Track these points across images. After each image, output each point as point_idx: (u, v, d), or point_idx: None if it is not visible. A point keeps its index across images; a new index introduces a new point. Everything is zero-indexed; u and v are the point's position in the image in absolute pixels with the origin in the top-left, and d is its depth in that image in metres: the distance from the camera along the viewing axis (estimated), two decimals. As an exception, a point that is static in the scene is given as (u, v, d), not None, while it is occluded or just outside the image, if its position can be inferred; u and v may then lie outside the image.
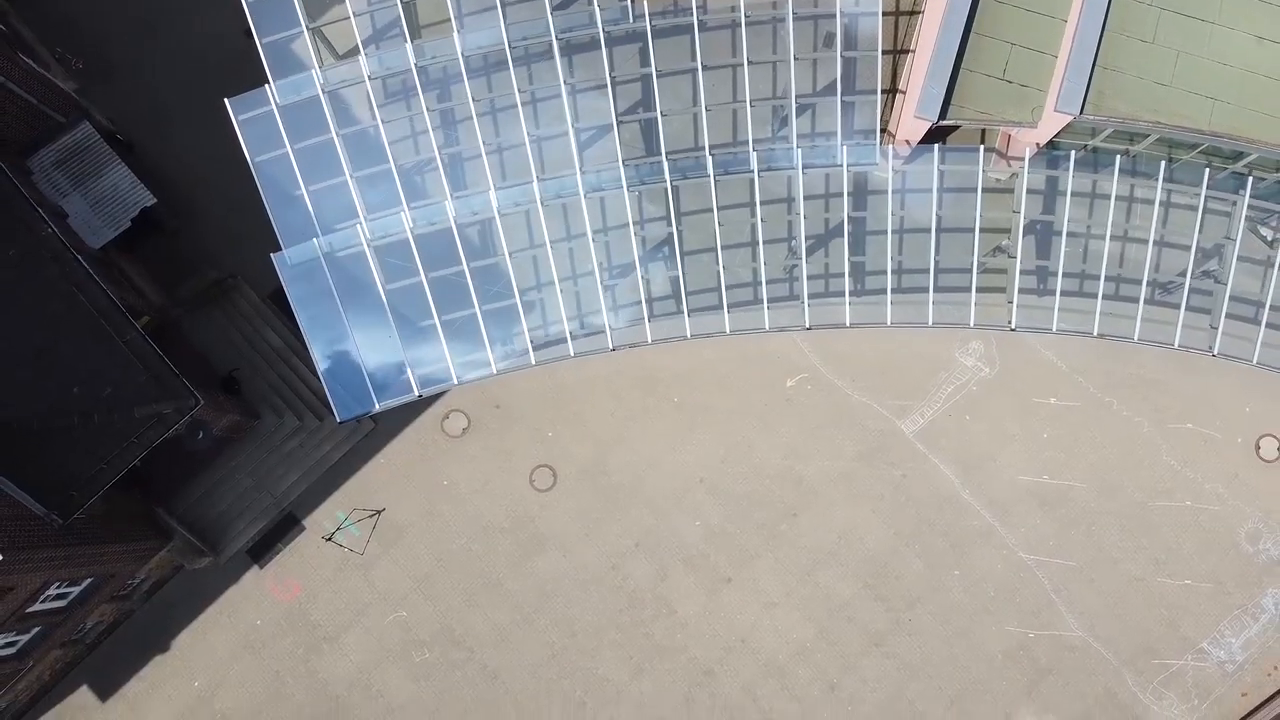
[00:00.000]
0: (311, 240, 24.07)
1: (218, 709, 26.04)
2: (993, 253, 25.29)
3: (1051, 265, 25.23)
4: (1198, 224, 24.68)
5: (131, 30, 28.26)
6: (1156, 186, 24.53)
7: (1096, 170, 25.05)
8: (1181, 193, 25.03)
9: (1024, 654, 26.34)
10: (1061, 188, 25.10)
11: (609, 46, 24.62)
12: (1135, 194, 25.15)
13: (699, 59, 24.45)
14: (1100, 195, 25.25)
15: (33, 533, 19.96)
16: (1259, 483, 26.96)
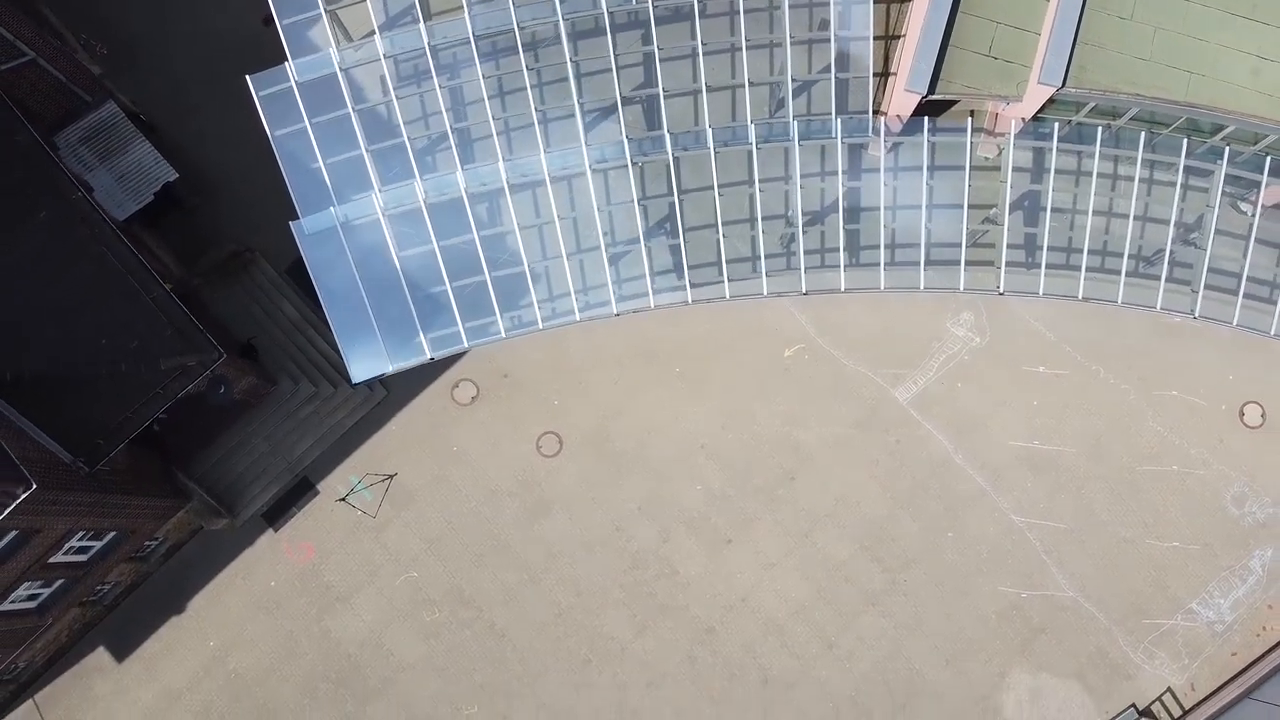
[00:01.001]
0: (328, 209, 25.08)
1: (232, 668, 26.80)
2: (982, 222, 26.31)
3: (1038, 234, 26.21)
4: (1177, 194, 25.67)
5: (153, 18, 29.50)
6: (1137, 159, 25.58)
7: (1080, 143, 26.09)
8: (1163, 165, 26.07)
9: (1017, 614, 27.08)
10: (1047, 163, 26.15)
11: (613, 29, 25.82)
12: (1118, 167, 26.19)
13: (699, 38, 25.61)
14: (1084, 170, 26.22)
15: (60, 478, 20.83)
16: (1243, 448, 27.80)
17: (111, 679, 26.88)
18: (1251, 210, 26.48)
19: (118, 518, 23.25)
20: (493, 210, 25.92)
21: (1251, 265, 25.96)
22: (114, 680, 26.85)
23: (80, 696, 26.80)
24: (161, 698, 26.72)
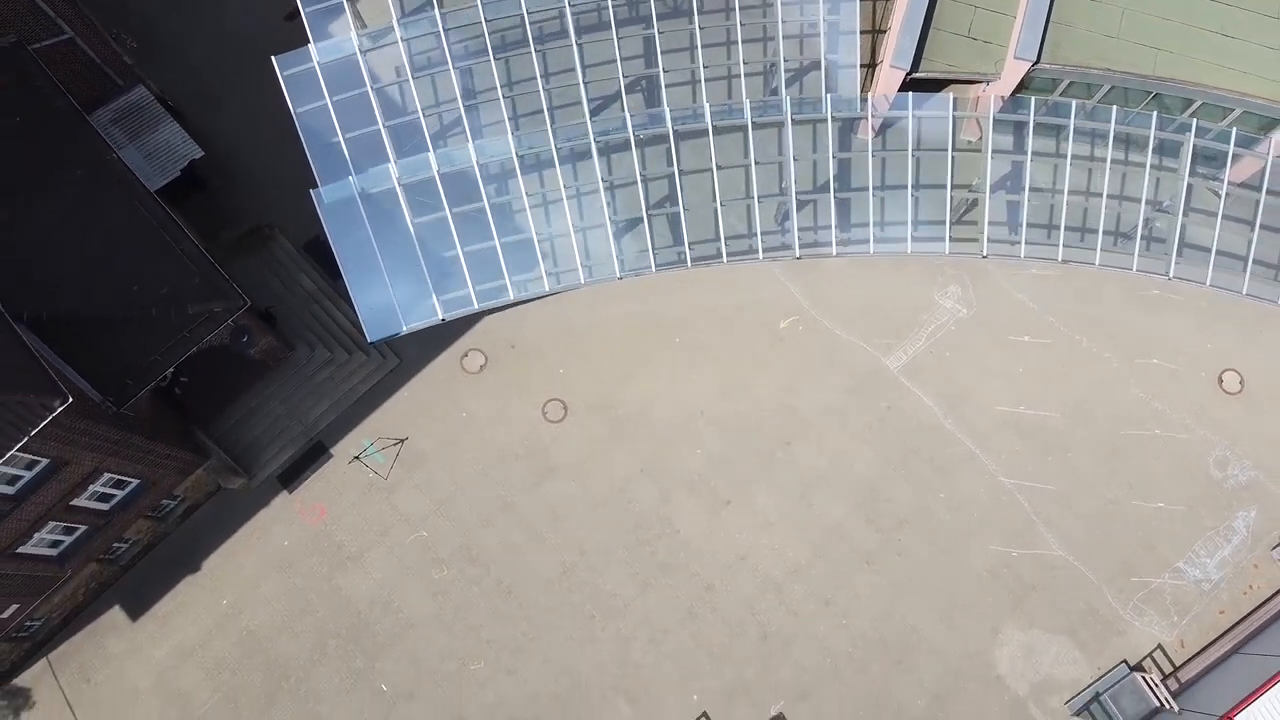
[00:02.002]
0: (346, 179, 26.55)
1: (244, 625, 27.48)
2: (968, 191, 27.73)
3: (1020, 204, 27.60)
4: (1148, 168, 27.17)
5: (180, 16, 31.42)
6: (1109, 132, 27.11)
7: (1057, 116, 27.61)
8: (1137, 140, 27.56)
9: (1008, 572, 27.86)
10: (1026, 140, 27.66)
11: (616, 17, 27.52)
12: (1094, 143, 27.70)
13: (697, 24, 27.37)
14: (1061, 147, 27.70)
15: (91, 413, 21.89)
16: (1223, 413, 28.87)
17: (126, 637, 27.55)
18: (1222, 184, 27.96)
19: (141, 463, 24.22)
20: (502, 179, 27.40)
21: (1222, 231, 27.38)
22: (128, 638, 27.51)
23: (94, 654, 27.42)
24: (174, 655, 27.35)
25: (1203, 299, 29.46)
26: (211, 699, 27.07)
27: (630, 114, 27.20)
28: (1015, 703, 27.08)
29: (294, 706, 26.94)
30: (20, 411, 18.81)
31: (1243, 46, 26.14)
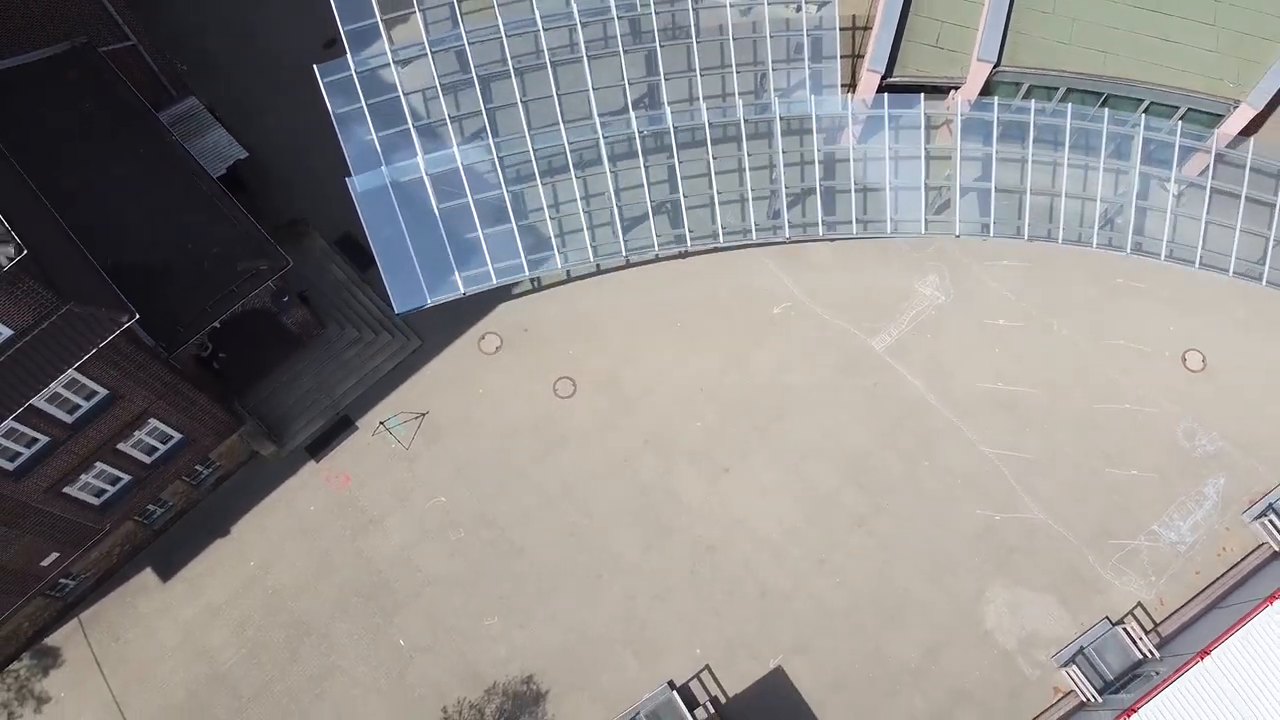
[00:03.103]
0: (378, 169, 29.43)
1: (270, 584, 28.97)
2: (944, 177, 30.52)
3: (986, 189, 30.45)
4: (1103, 157, 30.11)
5: (226, 39, 34.85)
6: (1065, 127, 30.10)
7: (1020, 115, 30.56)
8: (1093, 135, 30.50)
9: (992, 534, 29.44)
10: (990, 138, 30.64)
11: (623, 43, 30.82)
12: (1055, 138, 30.64)
13: (694, 24, 30.72)
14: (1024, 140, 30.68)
15: (145, 355, 24.06)
16: (1188, 389, 30.92)
17: (156, 597, 29.02)
18: (1178, 191, 30.77)
19: (185, 414, 26.24)
20: (520, 170, 30.20)
21: (1175, 217, 30.12)
22: (158, 599, 28.98)
23: (124, 614, 28.85)
24: (202, 613, 28.76)
25: (1164, 288, 31.88)
26: (236, 654, 28.39)
27: (634, 115, 30.27)
28: (1003, 656, 28.32)
29: (316, 660, 28.23)
30: (93, 324, 21.04)
31: (1182, 49, 29.34)
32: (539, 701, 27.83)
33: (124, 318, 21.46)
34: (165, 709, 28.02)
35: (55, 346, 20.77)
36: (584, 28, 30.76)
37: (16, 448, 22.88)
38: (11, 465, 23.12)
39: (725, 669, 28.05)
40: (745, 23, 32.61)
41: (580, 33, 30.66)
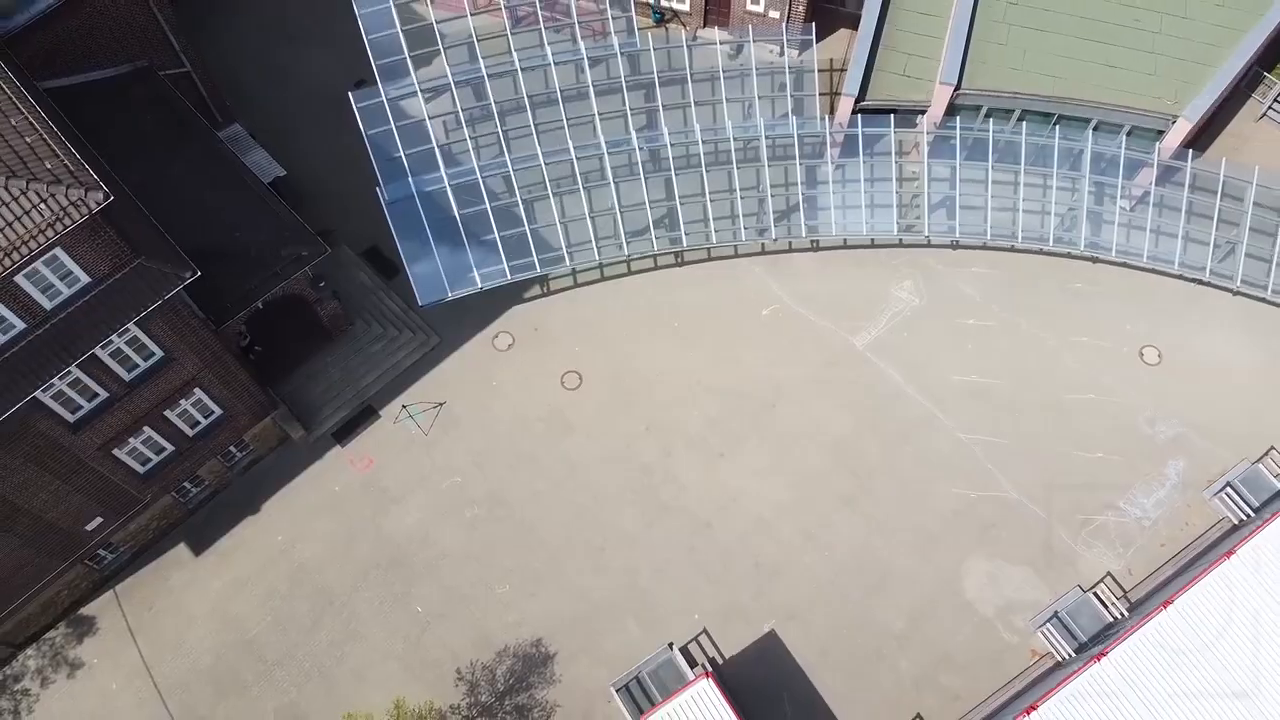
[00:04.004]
0: (405, 180, 32.67)
1: (296, 558, 30.94)
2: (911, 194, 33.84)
3: (953, 201, 33.73)
4: (1055, 158, 33.45)
5: (264, 76, 38.49)
6: (1021, 144, 33.55)
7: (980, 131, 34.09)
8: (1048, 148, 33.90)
9: (970, 511, 31.58)
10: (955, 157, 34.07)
11: (626, 85, 34.53)
12: (1013, 152, 34.02)
13: (689, 64, 34.50)
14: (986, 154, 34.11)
15: (198, 322, 26.73)
16: (1147, 381, 33.49)
17: (188, 570, 30.95)
18: (1132, 205, 34.06)
19: (227, 388, 28.73)
20: (533, 186, 33.43)
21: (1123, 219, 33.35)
22: (190, 571, 30.92)
23: (157, 587, 30.75)
24: (230, 585, 30.65)
25: (1120, 291, 34.77)
26: (262, 622, 30.19)
27: (635, 135, 33.76)
28: (983, 622, 30.15)
29: (337, 626, 30.01)
30: (160, 278, 23.79)
31: (1124, 74, 33.03)
32: (547, 663, 29.53)
33: (186, 274, 24.24)
34: (193, 673, 29.67)
35: (126, 296, 23.45)
36: (590, 67, 34.57)
37: (79, 400, 25.34)
38: (72, 417, 25.52)
39: (722, 633, 29.84)
40: (735, 64, 36.53)
41: (587, 69, 34.45)
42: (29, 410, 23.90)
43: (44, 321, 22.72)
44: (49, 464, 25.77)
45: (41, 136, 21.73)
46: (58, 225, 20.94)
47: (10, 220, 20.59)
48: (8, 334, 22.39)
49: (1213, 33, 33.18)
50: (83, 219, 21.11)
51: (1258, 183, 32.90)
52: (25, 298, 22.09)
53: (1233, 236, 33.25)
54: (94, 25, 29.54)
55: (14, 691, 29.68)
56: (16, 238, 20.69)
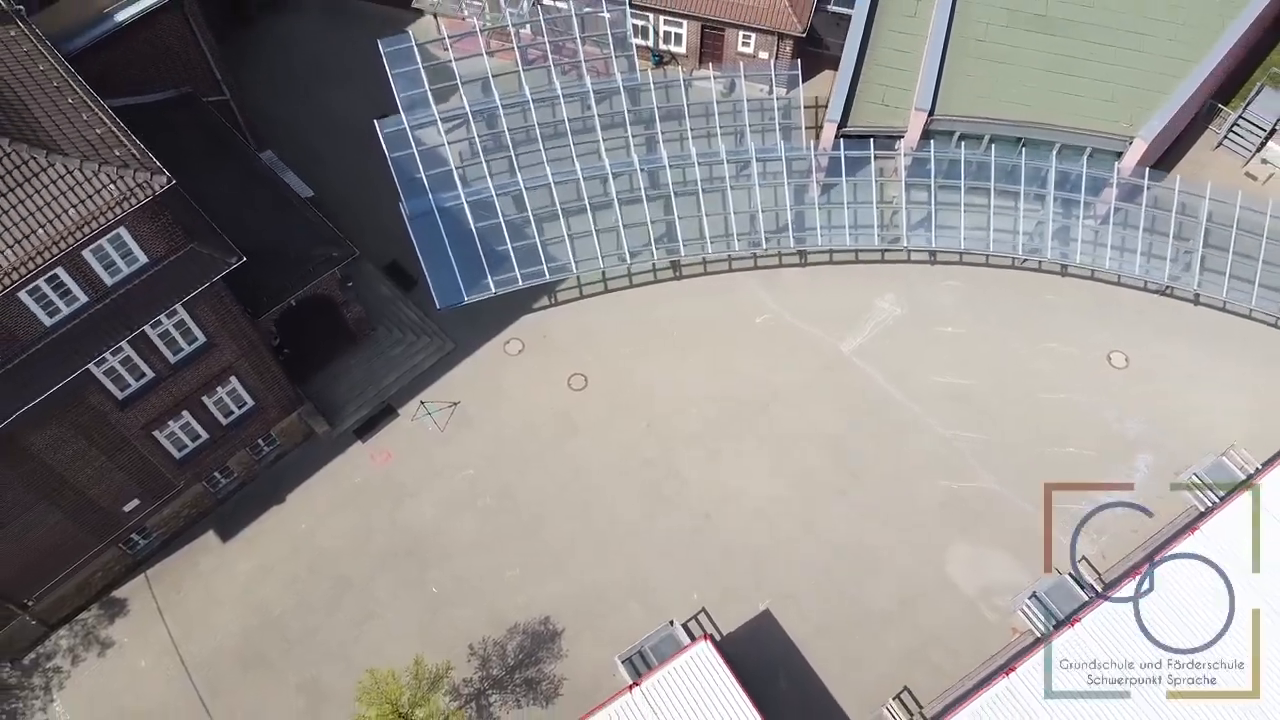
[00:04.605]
0: (425, 197, 35.39)
1: (318, 545, 32.75)
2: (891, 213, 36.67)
3: (930, 219, 36.53)
4: (1022, 177, 36.34)
5: (299, 110, 41.47)
6: (992, 164, 36.49)
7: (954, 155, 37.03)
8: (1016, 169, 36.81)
9: (955, 501, 33.57)
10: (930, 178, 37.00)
11: (629, 119, 37.64)
12: (984, 173, 36.91)
13: (685, 99, 37.63)
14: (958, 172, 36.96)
15: (238, 310, 29.04)
16: (1114, 383, 35.83)
17: (215, 556, 32.74)
18: (1097, 224, 36.93)
19: (260, 379, 30.94)
20: (543, 205, 36.12)
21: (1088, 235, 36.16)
22: (217, 557, 32.70)
23: (186, 571, 32.50)
24: (256, 570, 32.41)
25: (1087, 302, 37.35)
26: (285, 604, 31.90)
27: (636, 158, 36.70)
28: (967, 602, 31.94)
29: (356, 608, 31.69)
30: (209, 262, 26.22)
31: (1084, 100, 36.16)
32: (555, 640, 31.18)
33: (233, 259, 26.68)
34: (219, 651, 31.25)
35: (178, 277, 25.86)
36: (596, 100, 37.69)
37: (128, 378, 27.53)
38: (121, 394, 27.68)
39: (720, 613, 31.57)
40: (728, 100, 39.70)
41: (593, 102, 37.56)
42: (84, 382, 26.13)
43: (104, 296, 25.10)
44: (96, 438, 27.83)
45: (110, 129, 24.39)
46: (125, 204, 23.48)
47: (84, 198, 23.13)
48: (71, 306, 24.74)
49: (1165, 63, 36.40)
50: (147, 199, 23.66)
51: (1210, 198, 35.78)
52: (90, 272, 24.49)
53: (1189, 248, 35.98)
54: (145, 52, 32.45)
55: (45, 669, 31.20)
56: (89, 213, 23.20)
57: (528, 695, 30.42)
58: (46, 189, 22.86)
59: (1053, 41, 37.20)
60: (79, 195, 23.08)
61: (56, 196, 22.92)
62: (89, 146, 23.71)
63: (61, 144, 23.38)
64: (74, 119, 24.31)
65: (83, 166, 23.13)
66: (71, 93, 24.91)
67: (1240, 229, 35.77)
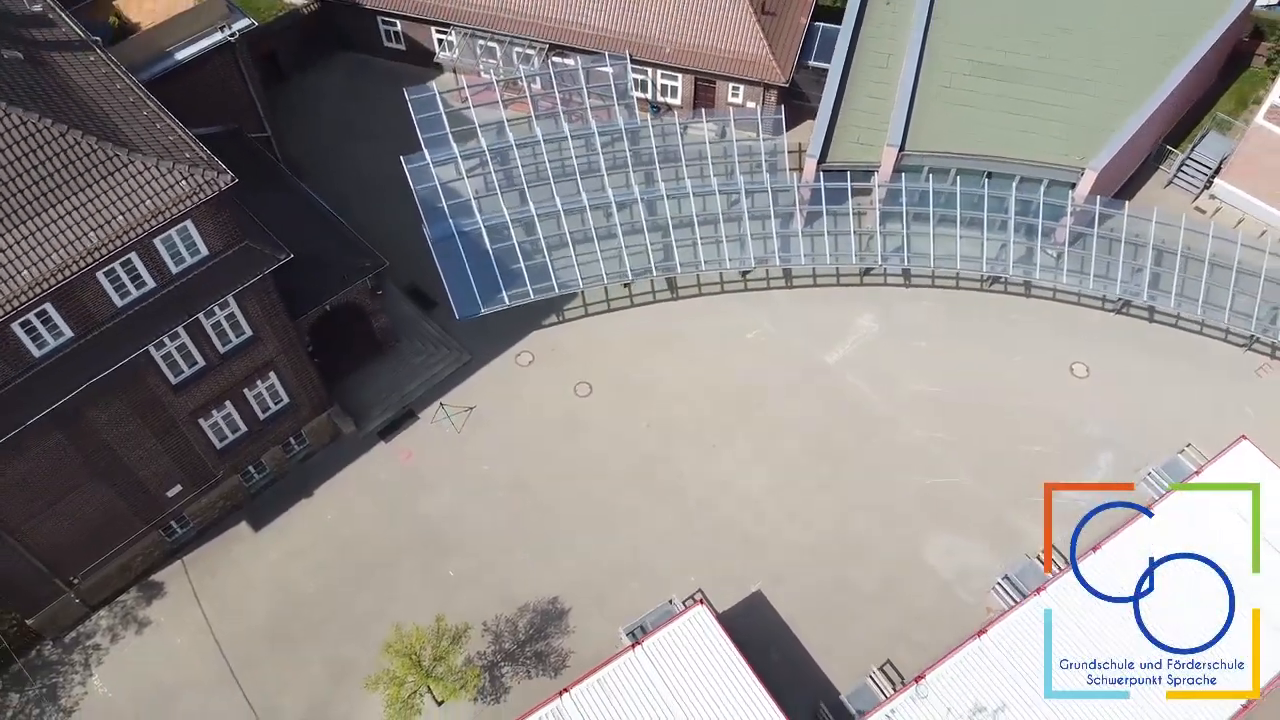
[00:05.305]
0: (447, 223, 39.07)
1: (343, 534, 35.39)
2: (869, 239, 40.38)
3: (902, 243, 40.21)
4: (985, 206, 40.11)
5: (331, 160, 45.44)
6: (957, 194, 40.33)
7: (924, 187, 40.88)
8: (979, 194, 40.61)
9: (930, 495, 36.37)
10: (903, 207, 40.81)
11: (631, 160, 41.76)
12: (951, 202, 40.71)
13: (680, 144, 41.70)
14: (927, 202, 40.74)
15: (281, 307, 32.29)
16: (1077, 390, 38.99)
17: (248, 544, 35.33)
18: (1057, 253, 40.65)
19: (296, 376, 34.06)
20: (553, 232, 39.79)
21: (1047, 259, 39.80)
22: (250, 544, 35.29)
23: (220, 558, 35.06)
24: (285, 556, 34.98)
25: (1050, 319, 40.78)
26: (312, 587, 34.40)
27: (637, 189, 40.59)
28: (944, 585, 34.51)
29: (378, 590, 34.20)
30: (260, 258, 29.63)
31: (1038, 137, 40.22)
32: (562, 617, 33.62)
33: (281, 255, 30.08)
34: (250, 630, 33.62)
35: (233, 270, 29.25)
36: (600, 142, 41.75)
37: (182, 364, 30.66)
38: (175, 379, 30.76)
39: (715, 593, 34.01)
40: (720, 144, 43.79)
41: (598, 142, 41.62)
42: (144, 363, 29.27)
43: (169, 283, 28.42)
44: (149, 419, 30.81)
45: (181, 136, 28.09)
46: (194, 198, 27.02)
47: (159, 190, 26.68)
48: (140, 290, 28.02)
49: (1112, 105, 40.59)
50: (214, 194, 27.21)
51: (1157, 221, 39.56)
52: (159, 260, 27.86)
53: (1139, 265, 39.60)
54: (199, 88, 36.43)
55: (85, 646, 33.50)
56: (163, 204, 26.71)
57: (537, 667, 32.75)
58: (127, 182, 26.42)
59: (1011, 87, 41.51)
60: (155, 188, 26.63)
61: (136, 189, 26.47)
62: (163, 149, 27.36)
63: (140, 145, 27.04)
64: (149, 127, 28.01)
65: (159, 164, 26.73)
66: (146, 107, 28.69)
67: (1185, 249, 39.47)
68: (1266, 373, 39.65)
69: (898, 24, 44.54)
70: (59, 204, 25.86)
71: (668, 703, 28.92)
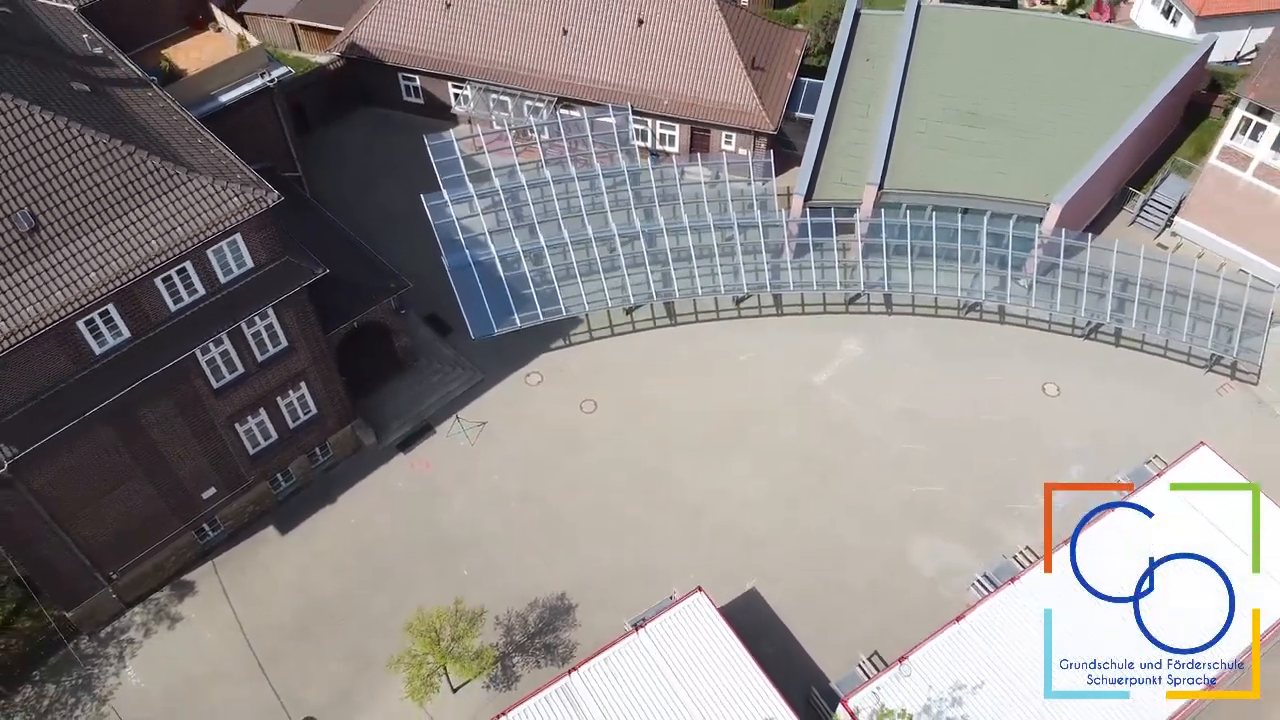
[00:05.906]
0: (463, 253, 42.27)
1: (364, 538, 37.73)
2: (852, 270, 43.61)
3: (883, 273, 43.40)
4: (959, 239, 43.40)
5: (352, 194, 48.79)
6: (933, 229, 43.67)
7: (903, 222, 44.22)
8: (953, 228, 43.97)
9: (914, 502, 38.87)
10: (883, 240, 44.14)
11: (633, 200, 45.28)
12: (929, 236, 44.02)
13: (679, 187, 45.23)
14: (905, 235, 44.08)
15: (315, 320, 35.18)
16: (1050, 407, 41.79)
17: (274, 546, 37.65)
18: (1027, 284, 43.91)
19: (324, 387, 36.80)
20: (560, 256, 43.04)
21: (1017, 290, 42.97)
22: (276, 547, 37.62)
23: (249, 559, 37.35)
24: (309, 558, 37.28)
25: (1025, 344, 43.80)
26: (334, 587, 36.64)
27: (639, 223, 43.94)
28: (928, 583, 36.82)
29: (395, 589, 36.42)
30: (299, 271, 32.66)
31: (1007, 176, 43.74)
32: (570, 612, 35.84)
33: (319, 269, 33.11)
34: (275, 626, 35.77)
35: (274, 282, 32.25)
36: (605, 184, 45.26)
37: (224, 369, 33.44)
38: (216, 383, 33.52)
39: (712, 590, 36.00)
40: (714, 190, 47.34)
41: (602, 183, 45.13)
42: (191, 366, 32.07)
43: (218, 291, 31.39)
44: (191, 419, 33.48)
45: (233, 160, 31.37)
46: (245, 212, 30.16)
47: (214, 205, 29.83)
48: (192, 296, 30.97)
49: (1075, 147, 44.21)
50: (262, 210, 30.38)
51: (1118, 250, 42.87)
52: (210, 269, 30.87)
53: (1102, 291, 42.76)
54: (239, 129, 39.87)
55: (120, 640, 35.59)
56: (217, 218, 29.83)
57: (546, 657, 34.88)
58: (187, 197, 29.59)
59: (982, 132, 45.22)
60: (211, 204, 29.78)
61: (195, 203, 29.63)
62: (218, 170, 30.60)
63: (197, 166, 30.27)
64: (204, 152, 31.32)
65: (214, 182, 29.93)
66: (200, 135, 32.05)
67: (1144, 279, 42.70)
68: (1226, 392, 42.55)
69: (877, 78, 48.46)
70: (125, 214, 28.97)
71: (669, 680, 31.09)
